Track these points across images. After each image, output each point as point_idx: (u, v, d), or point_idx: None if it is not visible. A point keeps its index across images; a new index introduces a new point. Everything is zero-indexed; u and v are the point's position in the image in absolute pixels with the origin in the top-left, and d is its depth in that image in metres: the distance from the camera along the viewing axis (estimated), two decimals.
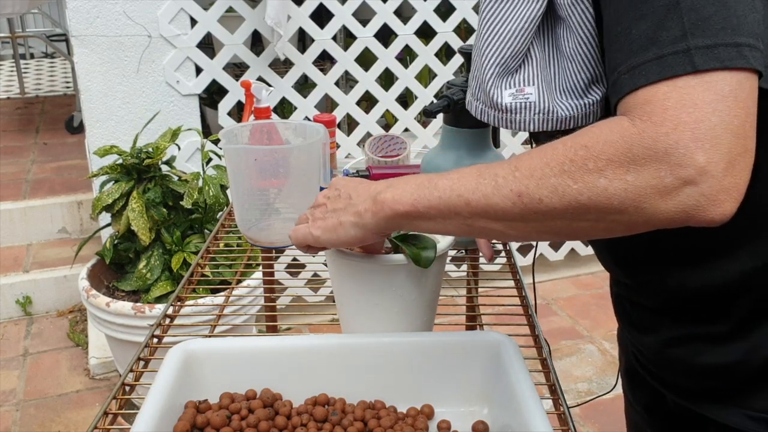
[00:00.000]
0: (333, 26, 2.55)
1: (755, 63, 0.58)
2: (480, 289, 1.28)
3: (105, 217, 2.27)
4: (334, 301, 0.94)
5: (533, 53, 0.74)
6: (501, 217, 0.65)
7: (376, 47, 2.63)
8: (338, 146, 2.65)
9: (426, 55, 2.71)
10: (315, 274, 2.38)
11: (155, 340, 0.98)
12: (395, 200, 0.71)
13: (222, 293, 1.98)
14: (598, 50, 0.70)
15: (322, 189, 1.27)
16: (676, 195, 0.57)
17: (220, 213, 2.18)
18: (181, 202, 2.12)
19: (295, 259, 2.60)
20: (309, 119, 2.33)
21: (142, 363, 0.93)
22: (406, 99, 2.90)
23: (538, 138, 0.87)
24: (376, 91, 2.71)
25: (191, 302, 1.92)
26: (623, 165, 0.58)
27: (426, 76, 2.84)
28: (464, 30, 2.94)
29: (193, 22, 2.40)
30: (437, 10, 2.67)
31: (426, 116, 1.08)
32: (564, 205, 0.61)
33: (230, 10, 2.42)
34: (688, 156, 0.56)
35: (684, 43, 0.58)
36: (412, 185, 0.71)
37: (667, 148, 0.57)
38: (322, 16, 2.55)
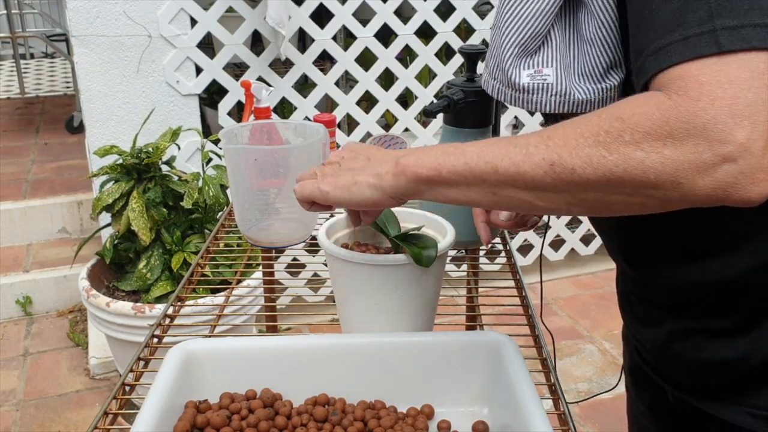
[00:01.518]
0: (333, 26, 2.55)
1: None
2: (480, 289, 1.28)
3: (105, 217, 2.27)
4: (334, 301, 0.94)
5: (553, 36, 0.75)
6: (531, 186, 0.64)
7: (376, 47, 2.63)
8: (338, 146, 2.65)
9: (426, 55, 2.71)
10: (315, 274, 2.38)
11: (155, 340, 0.98)
12: (418, 164, 0.70)
13: (222, 293, 1.98)
14: (618, 35, 0.70)
15: None
16: (714, 171, 0.56)
17: (220, 213, 2.18)
18: (181, 203, 2.12)
19: (295, 259, 2.60)
20: (309, 119, 2.33)
21: (142, 363, 0.93)
22: (406, 99, 2.90)
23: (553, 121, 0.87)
24: (376, 91, 2.71)
25: (191, 302, 1.92)
26: (660, 138, 0.57)
27: (426, 76, 2.84)
28: (464, 30, 2.94)
29: (193, 22, 2.40)
30: (437, 10, 2.67)
31: (426, 116, 1.08)
32: (598, 177, 0.60)
33: (230, 10, 2.42)
34: (727, 132, 0.55)
35: (710, 24, 0.58)
36: (437, 151, 0.70)
37: (705, 123, 0.56)
38: (322, 16, 2.55)
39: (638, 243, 0.82)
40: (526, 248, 3.13)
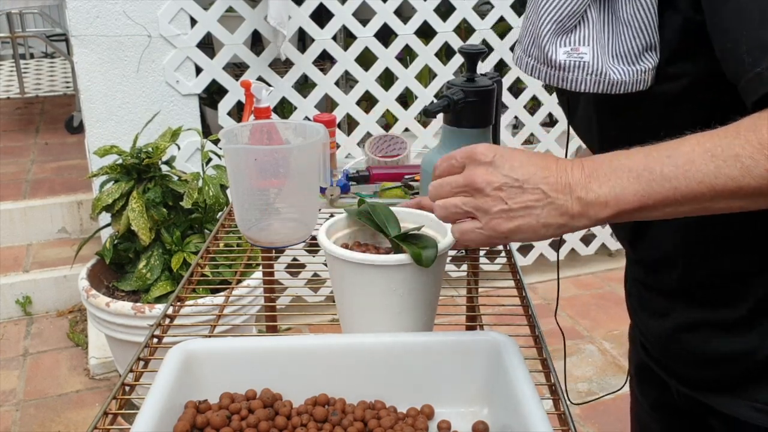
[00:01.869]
0: (333, 26, 2.55)
1: None
2: (480, 289, 1.28)
3: (105, 217, 2.27)
4: (334, 301, 0.94)
5: (589, 15, 0.74)
6: (750, 195, 0.62)
7: (376, 47, 2.63)
8: (338, 146, 2.65)
9: (426, 55, 2.71)
10: (315, 274, 2.38)
11: (155, 340, 0.98)
12: (618, 200, 0.65)
13: (222, 293, 1.98)
14: (655, 18, 0.71)
15: (323, 189, 1.27)
16: None
17: (220, 213, 2.18)
18: (180, 203, 2.12)
19: (295, 259, 2.60)
20: (309, 119, 2.33)
21: (142, 363, 0.92)
22: (406, 99, 2.90)
23: (573, 109, 0.86)
24: (376, 91, 2.71)
25: (191, 302, 1.92)
26: None
27: (426, 76, 2.84)
28: (464, 30, 2.94)
29: (193, 21, 2.40)
30: (437, 10, 2.67)
31: (426, 116, 1.08)
32: None
33: (230, 9, 2.42)
34: None
35: None
36: (626, 178, 0.65)
37: None
38: (322, 16, 2.55)
39: (656, 227, 0.82)
40: (526, 248, 3.13)
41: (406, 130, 2.80)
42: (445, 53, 2.88)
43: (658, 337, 0.89)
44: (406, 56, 2.83)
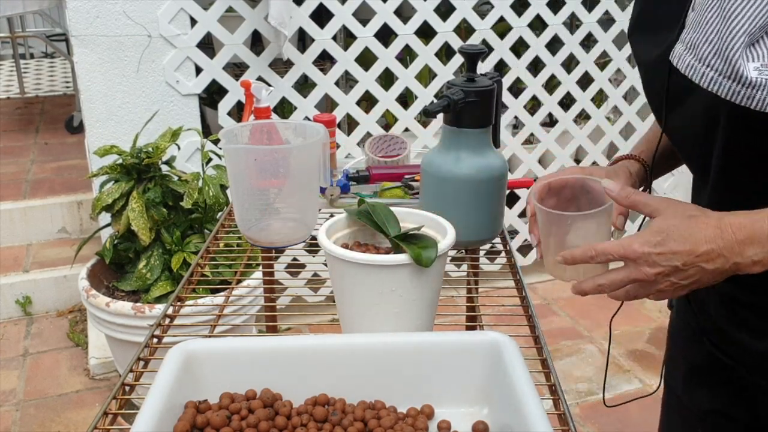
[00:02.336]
0: (333, 26, 2.55)
1: None
2: (480, 289, 1.28)
3: (105, 217, 2.27)
4: (334, 301, 0.94)
5: None
6: None
7: (376, 47, 2.63)
8: (338, 146, 2.65)
9: (426, 54, 2.71)
10: (315, 274, 2.38)
11: (155, 340, 0.98)
12: (765, 259, 0.72)
13: (222, 293, 1.98)
14: None
15: (323, 189, 1.27)
16: None
17: (220, 213, 2.18)
18: (180, 203, 2.12)
19: (295, 259, 2.60)
20: (309, 119, 2.33)
21: (142, 363, 0.92)
22: (406, 99, 2.90)
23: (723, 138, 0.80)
24: (376, 91, 2.71)
25: (191, 302, 1.92)
26: None
27: (426, 75, 2.84)
28: (464, 30, 2.94)
29: (193, 21, 2.40)
30: (437, 10, 2.67)
31: (426, 116, 1.07)
32: None
33: (230, 9, 2.42)
34: None
35: None
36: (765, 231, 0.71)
37: None
38: (322, 16, 2.55)
39: None
40: (526, 248, 3.13)
41: (406, 130, 2.80)
42: (445, 53, 2.88)
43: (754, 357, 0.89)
44: (406, 56, 2.83)
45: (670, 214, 0.77)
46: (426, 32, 2.69)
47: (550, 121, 3.10)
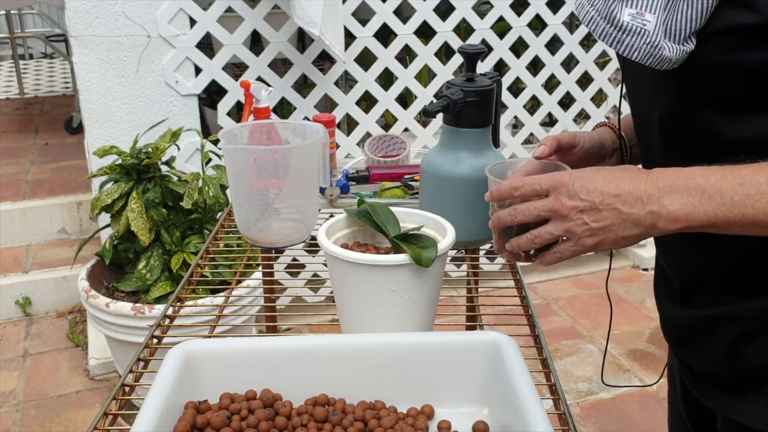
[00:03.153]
0: None
1: None
2: (480, 289, 1.28)
3: (104, 218, 2.26)
4: (334, 301, 0.94)
5: None
6: None
7: (375, 47, 2.63)
8: (338, 146, 2.65)
9: (425, 54, 2.71)
10: (315, 274, 2.38)
11: (155, 340, 0.98)
12: (688, 217, 0.71)
13: (222, 293, 1.98)
14: (713, 5, 0.69)
15: (322, 190, 1.27)
16: None
17: (220, 213, 2.18)
18: (180, 203, 2.11)
19: (295, 260, 2.60)
20: (308, 119, 2.32)
21: (141, 363, 0.92)
22: (405, 99, 2.90)
23: None
24: (376, 90, 2.71)
25: (191, 303, 1.92)
26: None
27: (425, 75, 2.84)
28: (464, 29, 2.94)
29: (193, 22, 2.39)
30: (437, 10, 2.67)
31: (426, 116, 1.07)
32: None
33: (229, 10, 2.42)
34: None
35: None
36: (698, 198, 0.71)
37: None
38: None
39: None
40: None
41: (406, 130, 2.80)
42: (444, 53, 2.88)
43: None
44: (406, 56, 2.83)
45: (597, 168, 0.79)
46: (425, 32, 2.69)
47: (550, 121, 3.09)
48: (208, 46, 2.76)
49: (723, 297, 0.81)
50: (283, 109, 2.82)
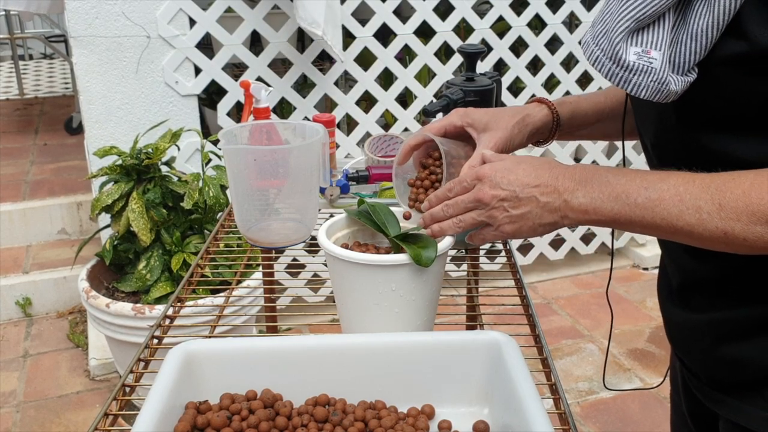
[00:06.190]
0: None
1: None
2: (480, 289, 1.28)
3: (104, 218, 2.26)
4: (334, 301, 0.94)
5: (667, 17, 0.71)
6: (699, 241, 0.71)
7: (375, 47, 2.63)
8: (338, 146, 2.65)
9: (425, 54, 2.71)
10: (315, 275, 2.38)
11: (155, 340, 0.98)
12: (596, 211, 0.76)
13: (222, 294, 1.98)
14: (718, 36, 0.69)
15: (322, 189, 1.27)
16: None
17: (220, 213, 2.18)
18: (180, 203, 2.12)
19: (295, 260, 2.60)
20: (308, 119, 2.32)
21: (142, 364, 0.92)
22: (405, 99, 2.89)
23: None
24: (376, 90, 2.71)
25: (191, 303, 1.92)
26: None
27: (425, 75, 2.84)
28: (463, 29, 2.94)
29: (192, 22, 2.39)
30: (436, 10, 2.67)
31: (426, 116, 1.08)
32: (764, 247, 0.68)
33: (229, 10, 2.42)
34: None
35: None
36: (607, 195, 0.75)
37: None
38: None
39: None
40: (526, 247, 3.13)
41: (406, 129, 2.80)
42: (444, 53, 2.88)
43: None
44: (406, 56, 2.83)
45: (517, 160, 0.84)
46: (425, 32, 2.69)
47: None
48: (207, 46, 2.76)
49: (721, 300, 0.81)
50: (283, 109, 2.82)
